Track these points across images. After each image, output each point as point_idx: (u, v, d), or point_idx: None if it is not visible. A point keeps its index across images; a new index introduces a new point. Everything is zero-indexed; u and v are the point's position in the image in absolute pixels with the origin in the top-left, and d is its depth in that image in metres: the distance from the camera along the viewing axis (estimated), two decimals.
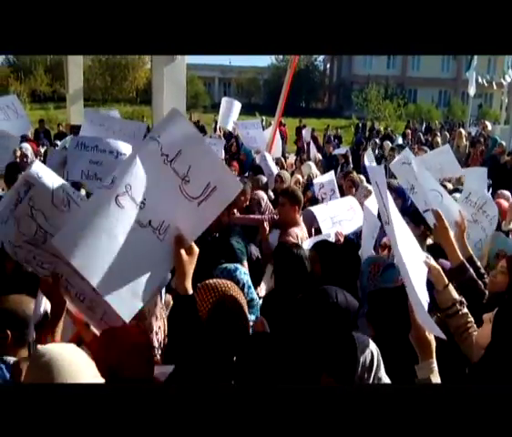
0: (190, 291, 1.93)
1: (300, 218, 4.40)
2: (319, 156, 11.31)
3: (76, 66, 19.00)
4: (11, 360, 2.14)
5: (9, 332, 2.19)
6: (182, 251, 1.90)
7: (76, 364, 1.54)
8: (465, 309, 2.46)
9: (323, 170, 8.80)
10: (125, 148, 5.59)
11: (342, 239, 4.19)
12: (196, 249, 1.96)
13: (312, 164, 8.70)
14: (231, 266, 2.87)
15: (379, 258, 3.21)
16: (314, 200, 6.15)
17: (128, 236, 1.84)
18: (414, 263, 2.15)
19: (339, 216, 4.77)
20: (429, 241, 3.96)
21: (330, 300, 2.34)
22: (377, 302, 2.51)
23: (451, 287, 2.45)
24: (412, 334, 2.00)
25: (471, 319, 2.44)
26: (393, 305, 2.37)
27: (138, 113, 27.02)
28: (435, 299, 2.38)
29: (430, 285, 2.28)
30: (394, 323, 2.29)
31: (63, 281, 2.17)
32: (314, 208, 4.94)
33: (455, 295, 2.45)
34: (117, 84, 41.86)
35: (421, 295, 1.97)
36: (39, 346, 1.58)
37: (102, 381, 1.64)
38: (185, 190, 1.90)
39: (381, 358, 1.91)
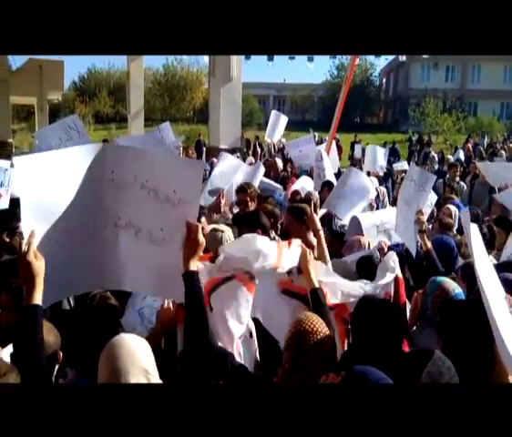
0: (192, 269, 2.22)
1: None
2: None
3: (137, 88, 19.85)
4: None
5: None
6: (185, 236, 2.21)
7: (133, 353, 1.76)
8: None
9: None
10: None
11: (386, 248, 4.10)
12: (201, 239, 2.24)
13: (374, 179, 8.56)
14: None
15: (449, 284, 2.91)
16: None
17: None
18: (498, 302, 2.16)
19: (386, 225, 4.67)
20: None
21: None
22: (449, 314, 2.53)
23: None
24: (495, 372, 2.06)
25: None
26: (465, 318, 2.40)
27: (195, 131, 27.72)
28: None
29: None
30: (465, 336, 2.32)
31: None
32: (360, 215, 4.87)
33: None
34: (175, 104, 43.20)
35: (505, 335, 1.99)
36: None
37: (154, 373, 1.82)
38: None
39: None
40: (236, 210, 5.65)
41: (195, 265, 2.24)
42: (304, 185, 7.24)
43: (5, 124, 16.20)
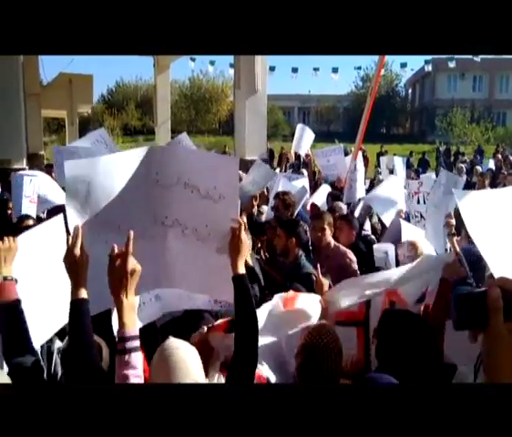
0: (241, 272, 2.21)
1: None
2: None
3: (163, 101, 20.16)
4: None
5: None
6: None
7: (188, 363, 1.78)
8: None
9: None
10: None
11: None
12: (244, 238, 2.25)
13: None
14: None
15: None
16: None
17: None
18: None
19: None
20: None
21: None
22: None
23: None
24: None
25: None
26: None
27: (220, 143, 27.97)
28: None
29: None
30: None
31: None
32: (403, 222, 4.86)
33: None
34: (201, 116, 43.69)
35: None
36: (170, 341, 1.85)
37: (202, 380, 1.82)
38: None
39: None
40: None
41: (243, 267, 2.24)
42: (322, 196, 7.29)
43: (37, 136, 16.61)
